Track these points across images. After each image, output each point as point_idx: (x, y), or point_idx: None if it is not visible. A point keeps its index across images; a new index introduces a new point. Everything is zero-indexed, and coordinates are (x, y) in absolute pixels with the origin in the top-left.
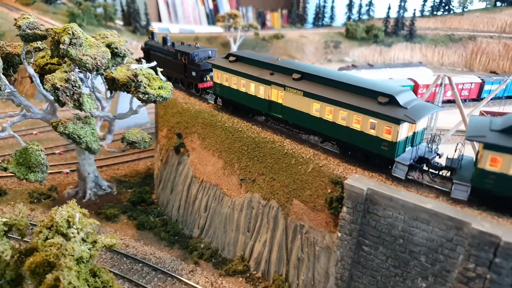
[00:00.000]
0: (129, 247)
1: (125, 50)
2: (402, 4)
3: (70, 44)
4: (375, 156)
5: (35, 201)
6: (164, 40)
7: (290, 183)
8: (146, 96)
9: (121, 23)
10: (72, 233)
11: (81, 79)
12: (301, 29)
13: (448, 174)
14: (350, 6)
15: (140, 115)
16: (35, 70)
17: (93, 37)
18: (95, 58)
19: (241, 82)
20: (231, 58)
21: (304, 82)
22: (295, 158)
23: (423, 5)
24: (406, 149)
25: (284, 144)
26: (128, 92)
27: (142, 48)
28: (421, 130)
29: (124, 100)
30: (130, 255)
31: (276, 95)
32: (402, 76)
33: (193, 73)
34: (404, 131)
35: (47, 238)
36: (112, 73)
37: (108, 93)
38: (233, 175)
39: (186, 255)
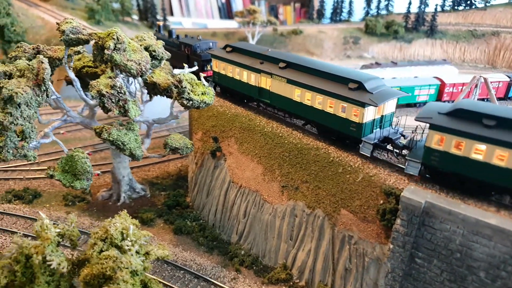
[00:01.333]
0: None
1: (162, 53)
2: None
3: (114, 49)
4: (346, 136)
5: (70, 203)
6: (170, 33)
7: (337, 192)
8: (191, 102)
9: (137, 18)
10: (127, 245)
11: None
12: (319, 24)
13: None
14: (368, 0)
15: (165, 114)
16: None
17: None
18: (139, 64)
19: (236, 70)
20: (228, 49)
21: (288, 70)
22: (343, 167)
23: (444, 0)
24: (375, 130)
25: (329, 151)
26: (168, 96)
27: None
28: (389, 114)
29: (152, 103)
30: (170, 261)
31: (264, 82)
32: (427, 74)
33: (195, 63)
34: (370, 113)
35: (101, 250)
36: (152, 77)
37: (144, 96)
38: (274, 181)
39: (226, 261)
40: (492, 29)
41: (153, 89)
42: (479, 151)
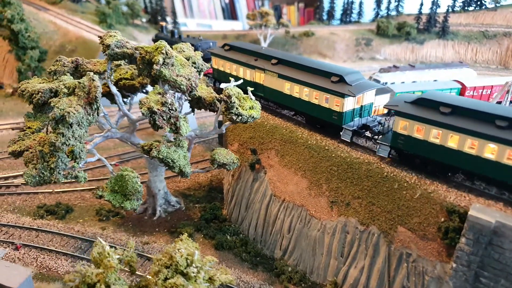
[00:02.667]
0: None
1: (202, 65)
2: (435, 0)
3: (163, 64)
4: (329, 125)
5: (104, 218)
6: (172, 32)
7: (394, 209)
8: (240, 117)
9: (145, 20)
10: (193, 272)
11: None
12: (329, 26)
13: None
14: (378, 1)
15: (191, 125)
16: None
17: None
18: (189, 79)
19: (233, 67)
20: (226, 48)
21: (279, 66)
22: (398, 182)
23: (454, 1)
24: (355, 119)
25: (382, 166)
26: (212, 111)
27: (153, 40)
28: (368, 104)
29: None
30: None
31: (259, 77)
32: (446, 77)
33: None
34: (350, 103)
35: (166, 278)
36: (197, 91)
37: (183, 110)
38: (321, 196)
39: (272, 278)
40: (503, 30)
41: (197, 103)
42: (436, 136)
